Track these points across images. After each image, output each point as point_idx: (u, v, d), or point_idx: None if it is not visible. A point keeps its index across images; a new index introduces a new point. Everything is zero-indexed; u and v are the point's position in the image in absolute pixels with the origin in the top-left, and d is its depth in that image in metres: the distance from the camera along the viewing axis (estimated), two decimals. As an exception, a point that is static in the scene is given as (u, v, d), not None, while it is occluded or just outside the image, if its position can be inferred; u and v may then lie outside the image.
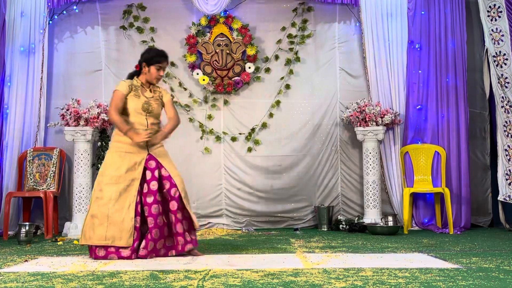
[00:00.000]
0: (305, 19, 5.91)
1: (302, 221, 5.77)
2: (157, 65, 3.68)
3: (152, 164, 3.61)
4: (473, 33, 5.85)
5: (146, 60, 3.70)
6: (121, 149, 3.59)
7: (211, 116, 5.82)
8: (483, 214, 5.81)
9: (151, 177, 3.58)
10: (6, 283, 2.58)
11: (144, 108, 3.66)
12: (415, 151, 5.55)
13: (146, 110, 3.66)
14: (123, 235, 3.45)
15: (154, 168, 3.61)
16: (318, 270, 2.86)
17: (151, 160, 3.62)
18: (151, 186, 3.56)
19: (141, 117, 3.65)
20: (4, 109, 5.44)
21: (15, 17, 5.52)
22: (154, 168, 3.61)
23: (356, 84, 5.89)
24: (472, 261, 3.19)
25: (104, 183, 3.53)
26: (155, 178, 3.58)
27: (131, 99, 3.65)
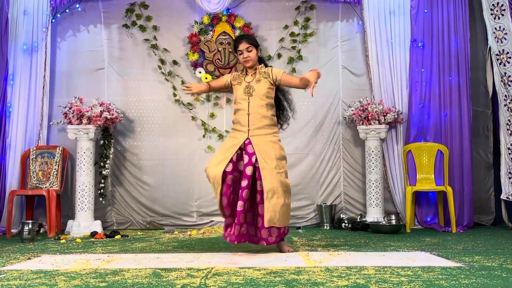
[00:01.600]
0: (307, 18, 5.90)
1: (304, 219, 5.77)
2: (238, 51, 3.76)
3: (250, 149, 3.62)
4: (476, 31, 5.84)
5: (234, 49, 3.85)
6: (230, 134, 3.81)
7: (213, 114, 5.82)
8: (486, 212, 5.80)
9: (248, 162, 3.59)
10: (9, 281, 2.59)
11: (246, 92, 3.71)
12: (417, 149, 5.54)
13: (247, 93, 3.70)
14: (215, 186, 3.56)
15: (251, 153, 3.60)
16: (321, 268, 2.86)
17: (250, 145, 3.62)
18: (247, 171, 3.56)
19: (244, 102, 3.71)
20: (7, 108, 5.45)
21: (18, 15, 5.53)
22: (252, 153, 3.60)
23: (358, 83, 5.88)
24: (474, 260, 3.18)
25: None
26: (251, 163, 3.57)
27: (235, 88, 3.79)
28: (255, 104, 3.67)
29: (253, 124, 3.65)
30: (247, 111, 3.67)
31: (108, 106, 5.39)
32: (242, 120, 3.69)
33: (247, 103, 3.68)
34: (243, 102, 3.70)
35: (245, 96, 3.70)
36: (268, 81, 3.71)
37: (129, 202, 5.73)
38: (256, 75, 3.75)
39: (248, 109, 3.67)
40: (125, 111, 5.76)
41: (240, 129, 3.70)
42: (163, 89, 5.84)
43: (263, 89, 3.69)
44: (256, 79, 3.73)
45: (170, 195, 5.72)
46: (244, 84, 3.75)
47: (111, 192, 5.73)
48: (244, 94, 3.71)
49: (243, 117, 3.68)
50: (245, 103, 3.69)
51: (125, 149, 5.79)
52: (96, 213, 5.41)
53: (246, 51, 3.73)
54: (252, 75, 3.77)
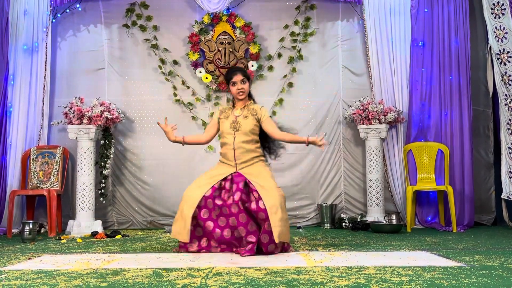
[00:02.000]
0: (308, 17, 5.90)
1: (305, 219, 5.77)
2: (231, 82, 3.79)
3: (238, 178, 3.66)
4: (476, 30, 5.83)
5: (226, 80, 3.87)
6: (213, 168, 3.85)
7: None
8: (486, 212, 5.80)
9: (236, 188, 3.63)
10: (10, 281, 2.59)
11: (232, 127, 3.76)
12: (418, 149, 5.54)
13: (233, 128, 3.75)
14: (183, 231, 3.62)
15: (239, 181, 3.64)
16: (321, 268, 2.86)
17: (239, 176, 3.67)
18: (235, 196, 3.59)
19: (231, 137, 3.74)
20: (8, 108, 5.45)
21: (18, 15, 5.53)
22: (239, 181, 3.64)
23: (359, 82, 5.88)
24: (475, 259, 3.18)
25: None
26: (240, 190, 3.61)
27: (222, 121, 3.83)
28: (240, 139, 3.72)
29: (239, 158, 3.71)
30: (232, 146, 3.73)
31: (108, 106, 5.39)
32: (228, 154, 3.75)
33: (233, 138, 3.73)
34: (229, 137, 3.76)
35: (231, 131, 3.76)
36: (254, 118, 3.78)
37: (130, 202, 5.73)
38: (244, 111, 3.81)
39: (233, 144, 3.72)
40: (125, 111, 5.76)
41: (227, 163, 3.76)
42: (163, 89, 5.84)
43: (249, 126, 3.76)
44: (244, 114, 3.78)
45: (171, 195, 5.71)
46: (232, 118, 3.79)
47: (111, 192, 5.73)
48: (230, 129, 3.76)
49: (229, 152, 3.74)
50: (230, 137, 3.75)
51: (126, 149, 5.79)
52: (96, 213, 5.42)
53: (241, 83, 3.79)
54: (241, 110, 3.82)
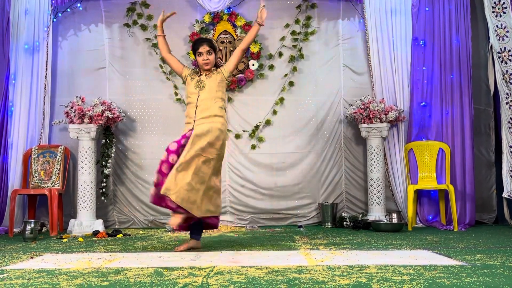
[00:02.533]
0: (308, 16, 5.90)
1: (306, 218, 5.77)
2: (197, 52, 3.89)
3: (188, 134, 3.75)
4: (477, 29, 5.83)
5: (193, 51, 3.95)
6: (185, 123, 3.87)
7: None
8: (487, 211, 5.80)
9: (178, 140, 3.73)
10: (11, 280, 2.59)
11: (197, 85, 3.83)
12: (419, 148, 5.54)
13: (198, 87, 3.82)
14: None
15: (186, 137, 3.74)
16: (322, 267, 2.86)
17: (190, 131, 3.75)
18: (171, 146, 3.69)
19: (195, 96, 3.82)
20: (9, 107, 5.46)
21: (19, 15, 5.54)
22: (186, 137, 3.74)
23: (360, 81, 5.88)
24: (476, 258, 3.18)
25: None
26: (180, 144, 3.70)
27: (187, 83, 3.91)
28: (203, 97, 3.80)
29: (198, 115, 3.77)
30: (195, 103, 3.80)
31: (109, 105, 5.39)
32: (190, 112, 3.82)
33: (197, 97, 3.81)
34: (193, 96, 3.84)
35: (196, 90, 3.84)
36: (218, 76, 3.87)
37: (131, 201, 5.73)
38: (212, 72, 3.90)
39: (196, 102, 3.80)
40: (126, 110, 5.76)
41: (188, 121, 3.82)
42: (164, 88, 5.84)
43: (213, 83, 3.84)
44: (207, 75, 3.87)
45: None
46: (196, 79, 3.87)
47: (112, 191, 5.73)
48: (195, 88, 3.84)
49: (192, 110, 3.81)
50: (194, 96, 3.83)
51: (127, 148, 5.79)
52: (98, 212, 5.42)
53: (207, 54, 3.87)
54: (206, 75, 3.89)
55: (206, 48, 3.87)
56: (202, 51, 3.86)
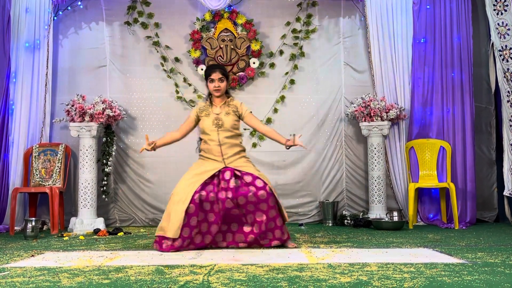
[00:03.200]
0: (309, 14, 5.89)
1: (307, 216, 5.77)
2: (209, 79, 3.91)
3: (227, 175, 3.75)
4: (478, 27, 5.82)
5: (205, 77, 3.96)
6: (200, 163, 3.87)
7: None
8: (488, 209, 5.79)
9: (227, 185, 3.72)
10: (13, 278, 2.60)
11: (215, 124, 3.85)
12: (420, 146, 5.53)
13: (216, 125, 3.85)
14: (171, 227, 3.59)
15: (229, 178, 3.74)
16: (323, 265, 2.86)
17: (228, 171, 3.77)
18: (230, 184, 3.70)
19: (214, 133, 3.84)
20: (10, 105, 5.46)
21: (20, 13, 5.53)
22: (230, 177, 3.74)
23: (361, 79, 5.87)
24: (477, 256, 3.18)
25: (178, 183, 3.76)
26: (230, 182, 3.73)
27: (203, 119, 3.92)
28: (224, 135, 3.83)
29: (226, 153, 3.82)
30: (217, 142, 3.83)
31: (110, 103, 5.39)
32: (214, 150, 3.83)
33: (217, 134, 3.84)
34: (213, 134, 3.85)
35: (214, 128, 3.85)
36: (235, 115, 3.91)
37: (132, 199, 5.73)
38: (225, 107, 3.91)
39: (218, 140, 3.83)
40: (127, 108, 5.76)
41: (214, 159, 3.83)
42: (165, 86, 5.84)
43: (231, 122, 3.89)
44: (225, 111, 3.89)
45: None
46: (213, 116, 3.88)
47: (113, 190, 5.74)
48: (213, 126, 3.85)
49: (215, 148, 3.82)
50: (214, 134, 3.84)
51: (128, 146, 5.79)
52: (99, 211, 5.43)
53: (218, 81, 3.89)
54: (221, 107, 3.91)
55: (218, 75, 3.89)
56: (214, 78, 3.89)
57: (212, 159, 3.83)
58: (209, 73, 3.91)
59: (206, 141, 3.89)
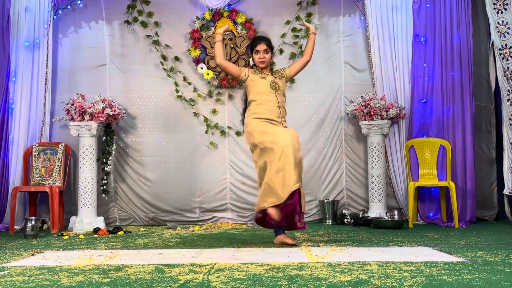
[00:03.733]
0: (309, 13, 5.88)
1: (306, 215, 5.76)
2: (254, 50, 3.97)
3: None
4: (478, 26, 5.81)
5: (250, 49, 4.03)
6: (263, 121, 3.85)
7: (215, 110, 5.82)
8: (488, 207, 5.79)
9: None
10: (12, 277, 2.60)
11: (272, 87, 3.91)
12: (420, 145, 5.53)
13: (274, 88, 3.91)
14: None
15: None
16: (323, 264, 2.86)
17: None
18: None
19: (273, 95, 3.89)
20: (10, 104, 5.46)
21: (19, 12, 5.53)
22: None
23: (361, 78, 5.87)
24: (477, 255, 3.18)
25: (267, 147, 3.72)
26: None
27: (258, 80, 3.93)
28: (280, 99, 3.93)
29: (282, 116, 3.92)
30: (277, 103, 3.89)
31: (110, 102, 5.39)
32: (274, 112, 3.87)
33: (275, 97, 3.89)
34: (271, 96, 3.89)
35: (272, 90, 3.90)
36: (284, 80, 4.03)
37: (132, 198, 5.73)
38: (276, 73, 4.01)
39: (277, 101, 3.89)
40: (127, 107, 5.76)
41: (273, 119, 3.86)
42: (165, 85, 5.84)
43: (284, 87, 4.03)
44: (279, 75, 4.00)
45: (173, 191, 5.72)
46: (270, 78, 3.95)
47: (113, 189, 5.74)
48: (271, 89, 3.90)
49: (275, 109, 3.88)
50: (273, 96, 3.89)
51: (128, 145, 5.79)
52: (98, 210, 5.43)
53: (264, 52, 3.96)
54: (273, 73, 4.00)
55: (264, 46, 3.97)
56: (260, 49, 3.95)
57: (271, 120, 3.85)
58: (255, 44, 3.97)
59: (262, 103, 3.88)
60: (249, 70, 4.02)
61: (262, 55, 3.95)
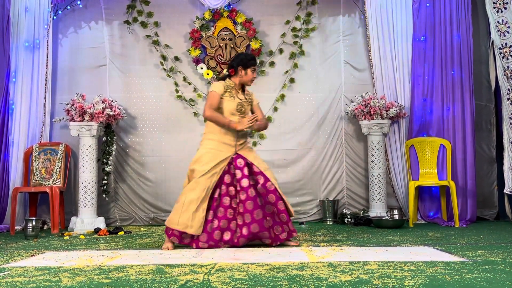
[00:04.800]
0: (309, 12, 5.88)
1: (307, 214, 5.77)
2: (252, 68, 3.90)
3: (241, 162, 3.77)
4: (478, 25, 5.81)
5: (243, 63, 3.89)
6: (211, 147, 3.78)
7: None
8: (489, 207, 5.79)
9: (241, 176, 3.74)
10: (13, 278, 2.60)
11: (238, 109, 3.85)
12: (420, 144, 5.53)
13: (239, 111, 3.85)
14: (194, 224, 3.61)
15: (243, 167, 3.76)
16: (324, 264, 2.86)
17: (239, 159, 3.78)
18: (243, 183, 3.72)
19: (235, 118, 3.83)
20: (10, 105, 5.46)
21: (19, 12, 5.53)
22: (243, 166, 3.76)
23: (360, 77, 5.87)
24: (478, 254, 3.18)
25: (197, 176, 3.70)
26: (246, 176, 3.74)
27: (227, 100, 3.84)
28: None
29: (239, 140, 3.84)
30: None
31: (110, 102, 5.39)
32: (231, 135, 3.81)
33: (239, 120, 3.81)
34: (234, 118, 3.82)
35: (237, 112, 3.84)
36: (250, 104, 4.01)
37: (132, 198, 5.74)
38: (246, 96, 3.95)
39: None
40: (127, 107, 5.76)
41: (228, 143, 3.80)
42: (165, 85, 5.84)
43: (249, 111, 3.97)
44: (247, 100, 3.94)
45: (173, 191, 5.71)
46: (237, 100, 3.88)
47: (114, 189, 5.74)
48: (237, 111, 3.85)
49: (233, 133, 3.80)
50: (235, 119, 3.82)
51: (128, 145, 5.79)
52: (99, 210, 5.43)
53: (256, 73, 3.96)
54: (244, 95, 3.94)
55: (256, 67, 3.97)
56: (256, 68, 3.95)
57: (226, 144, 3.80)
58: (254, 62, 3.91)
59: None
60: (223, 86, 3.86)
61: (255, 75, 3.94)
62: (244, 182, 3.72)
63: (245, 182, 3.72)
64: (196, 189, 3.68)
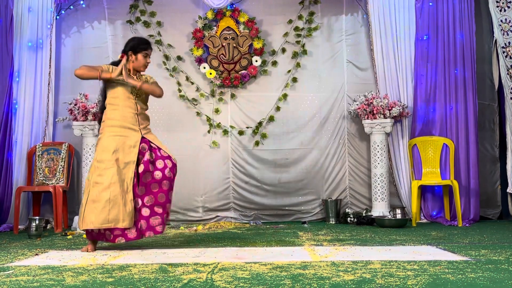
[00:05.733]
0: (312, 12, 5.88)
1: (310, 214, 5.77)
2: (143, 53, 3.79)
3: (144, 147, 3.72)
4: (481, 24, 5.80)
5: (132, 48, 3.78)
6: (115, 133, 3.66)
7: (218, 110, 5.82)
8: (492, 206, 5.78)
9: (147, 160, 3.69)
10: (17, 277, 2.61)
11: (134, 92, 3.75)
12: (423, 143, 5.52)
13: (135, 94, 3.76)
14: (126, 217, 3.52)
15: (146, 151, 3.71)
16: (326, 263, 2.86)
17: (144, 143, 3.73)
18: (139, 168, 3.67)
19: (131, 101, 3.74)
20: (13, 105, 5.47)
21: (22, 12, 5.54)
22: (147, 150, 3.72)
23: (363, 77, 5.86)
24: (481, 254, 3.18)
25: (102, 168, 3.57)
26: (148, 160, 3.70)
27: (117, 84, 3.72)
28: (140, 106, 3.78)
29: (141, 124, 3.77)
30: (135, 110, 3.75)
31: (113, 102, 5.39)
32: (131, 118, 3.71)
33: (135, 103, 3.75)
34: (130, 101, 3.73)
35: (132, 95, 3.75)
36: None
37: (135, 197, 5.73)
38: (141, 79, 3.82)
39: (136, 108, 3.75)
40: (130, 107, 5.76)
41: (130, 127, 3.70)
42: (167, 85, 5.82)
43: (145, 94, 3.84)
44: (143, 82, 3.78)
45: (176, 190, 5.59)
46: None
47: (117, 188, 5.73)
48: (132, 94, 3.74)
49: (133, 116, 3.72)
50: (131, 102, 3.74)
51: (131, 145, 5.79)
52: (102, 209, 5.43)
53: (149, 57, 3.85)
54: (136, 78, 3.80)
55: (151, 52, 3.86)
56: (149, 53, 3.82)
57: (128, 128, 3.68)
58: (147, 47, 3.79)
59: (119, 108, 3.69)
60: (114, 71, 3.69)
61: (149, 60, 3.83)
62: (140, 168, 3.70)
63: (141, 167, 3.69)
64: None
